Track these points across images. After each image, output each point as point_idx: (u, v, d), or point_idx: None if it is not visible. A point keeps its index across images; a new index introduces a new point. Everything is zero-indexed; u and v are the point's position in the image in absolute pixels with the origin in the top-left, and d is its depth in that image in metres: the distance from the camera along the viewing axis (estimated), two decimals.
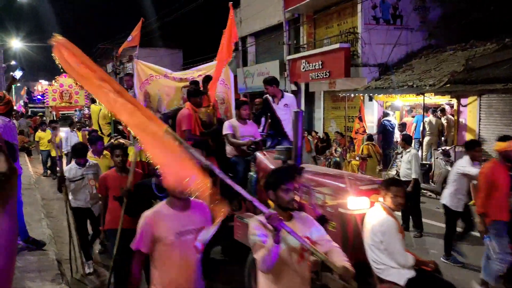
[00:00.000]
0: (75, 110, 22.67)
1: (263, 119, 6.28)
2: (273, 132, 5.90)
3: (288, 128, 5.51)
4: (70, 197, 5.28)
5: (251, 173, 5.00)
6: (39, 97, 40.02)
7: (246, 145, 5.17)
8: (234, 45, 6.83)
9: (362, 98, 12.89)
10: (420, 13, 13.52)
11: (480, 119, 10.39)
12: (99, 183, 4.67)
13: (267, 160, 4.90)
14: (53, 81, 24.22)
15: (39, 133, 12.96)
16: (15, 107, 18.87)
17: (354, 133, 12.30)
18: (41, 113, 25.31)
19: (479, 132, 10.37)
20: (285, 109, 5.71)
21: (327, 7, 14.82)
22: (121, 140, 6.14)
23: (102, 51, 31.52)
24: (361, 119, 12.14)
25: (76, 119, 20.03)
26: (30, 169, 12.93)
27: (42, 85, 45.97)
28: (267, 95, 5.83)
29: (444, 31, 12.91)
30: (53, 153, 12.04)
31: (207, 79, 6.53)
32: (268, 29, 18.60)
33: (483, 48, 11.17)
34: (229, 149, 5.44)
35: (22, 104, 35.07)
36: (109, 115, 7.45)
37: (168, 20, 23.87)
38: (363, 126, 12.02)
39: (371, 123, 12.81)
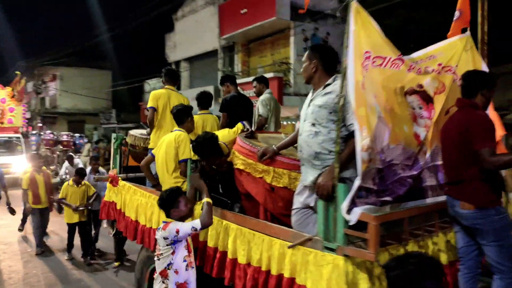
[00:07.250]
0: (34, 134, 16.22)
1: None
2: None
3: None
4: None
5: None
6: None
7: None
8: None
9: (294, 126, 13.23)
10: None
11: None
12: None
13: None
14: None
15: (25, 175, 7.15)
16: None
17: None
18: None
19: None
20: None
21: (261, 37, 15.24)
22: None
23: (22, 69, 29.39)
24: None
25: (34, 147, 14.18)
26: None
27: None
28: None
29: None
30: (72, 218, 6.51)
31: None
32: (203, 55, 18.62)
33: None
34: None
35: None
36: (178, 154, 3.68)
37: (98, 39, 23.01)
38: None
39: None
